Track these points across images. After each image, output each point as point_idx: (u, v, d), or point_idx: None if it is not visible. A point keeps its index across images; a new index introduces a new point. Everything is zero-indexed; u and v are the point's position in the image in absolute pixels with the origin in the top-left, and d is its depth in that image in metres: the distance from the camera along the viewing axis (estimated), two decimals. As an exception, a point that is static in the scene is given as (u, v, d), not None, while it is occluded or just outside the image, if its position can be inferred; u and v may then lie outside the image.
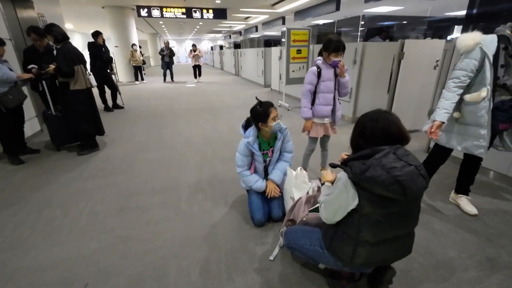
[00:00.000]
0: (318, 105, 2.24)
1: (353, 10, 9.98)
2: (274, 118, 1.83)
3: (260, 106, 1.85)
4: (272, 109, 1.83)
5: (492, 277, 1.47)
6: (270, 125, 1.83)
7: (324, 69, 2.16)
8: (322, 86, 2.19)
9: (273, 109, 1.84)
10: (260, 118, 1.84)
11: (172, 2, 9.49)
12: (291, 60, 5.35)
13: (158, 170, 2.84)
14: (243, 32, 20.80)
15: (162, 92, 8.11)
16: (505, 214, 2.01)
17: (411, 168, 1.00)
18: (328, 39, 2.09)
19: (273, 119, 1.83)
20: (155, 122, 4.74)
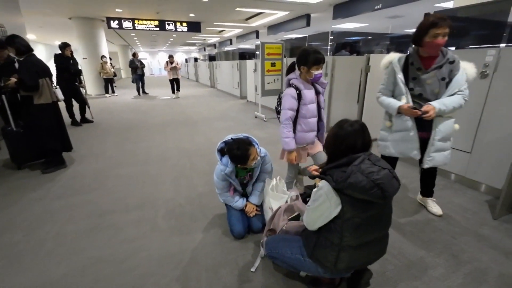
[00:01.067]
0: (300, 132, 1.93)
1: (322, 25, 10.56)
2: (254, 158, 1.74)
3: (237, 148, 1.70)
4: (251, 150, 1.71)
5: (458, 272, 1.58)
6: (249, 165, 1.76)
7: (304, 89, 1.83)
8: (303, 111, 1.85)
9: (252, 148, 1.72)
10: (239, 161, 1.75)
11: (144, 14, 9.40)
12: (266, 72, 5.50)
13: (132, 186, 2.73)
14: (217, 45, 21.03)
15: (135, 105, 7.88)
16: (465, 213, 2.19)
17: (386, 171, 1.08)
18: (304, 50, 1.79)
19: (252, 160, 1.73)
20: (128, 136, 4.57)
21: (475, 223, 2.05)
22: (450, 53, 1.72)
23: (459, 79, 1.68)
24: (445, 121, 1.79)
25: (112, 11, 8.71)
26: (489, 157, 2.42)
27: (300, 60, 1.81)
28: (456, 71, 1.69)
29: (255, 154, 1.75)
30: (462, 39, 3.70)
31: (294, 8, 8.22)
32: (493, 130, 2.37)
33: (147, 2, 7.59)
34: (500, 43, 3.07)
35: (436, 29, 1.61)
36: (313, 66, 1.77)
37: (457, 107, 1.71)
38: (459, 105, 1.71)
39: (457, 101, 1.70)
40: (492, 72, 2.31)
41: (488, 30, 3.39)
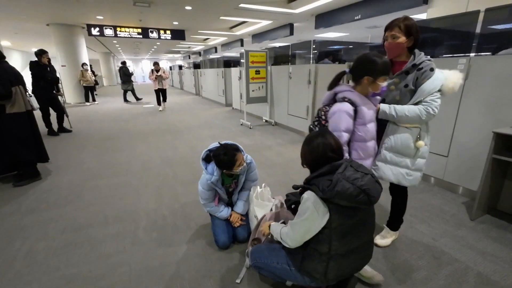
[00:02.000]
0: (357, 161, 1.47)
1: (305, 35, 10.84)
2: (240, 164, 1.73)
3: (225, 154, 1.68)
4: (237, 155, 1.70)
5: (439, 274, 1.61)
6: (235, 171, 1.74)
7: (363, 105, 1.45)
8: (361, 132, 1.48)
9: (239, 154, 1.71)
10: (225, 166, 1.72)
11: (127, 21, 9.28)
12: (251, 80, 5.53)
13: (112, 198, 2.62)
14: (202, 53, 21.04)
15: (116, 114, 7.66)
16: (444, 215, 2.26)
17: (369, 177, 1.10)
18: (368, 57, 1.43)
19: (238, 166, 1.72)
20: (108, 145, 4.42)
21: (453, 225, 2.11)
22: (424, 59, 1.50)
23: (424, 88, 1.45)
24: (399, 131, 1.57)
25: (93, 18, 8.54)
26: (464, 160, 2.53)
27: (364, 68, 1.43)
28: (425, 79, 1.46)
29: (241, 160, 1.74)
30: (436, 49, 3.89)
31: (277, 17, 8.39)
32: (467, 134, 2.48)
33: (129, 10, 7.50)
34: (470, 52, 3.26)
35: (387, 32, 1.54)
36: (381, 77, 1.41)
37: (410, 117, 1.48)
38: (415, 114, 1.47)
39: (412, 110, 1.47)
40: (464, 80, 2.43)
41: (459, 40, 3.59)
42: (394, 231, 1.90)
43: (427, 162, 2.80)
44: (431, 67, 1.46)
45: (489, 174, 2.03)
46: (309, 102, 4.63)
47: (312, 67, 4.48)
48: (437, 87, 1.44)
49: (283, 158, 3.73)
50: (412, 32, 1.48)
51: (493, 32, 3.19)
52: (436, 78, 1.45)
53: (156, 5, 7.07)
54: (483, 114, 2.34)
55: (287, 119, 5.40)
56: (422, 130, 1.56)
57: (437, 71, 1.47)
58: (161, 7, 7.32)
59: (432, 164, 2.80)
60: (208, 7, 7.34)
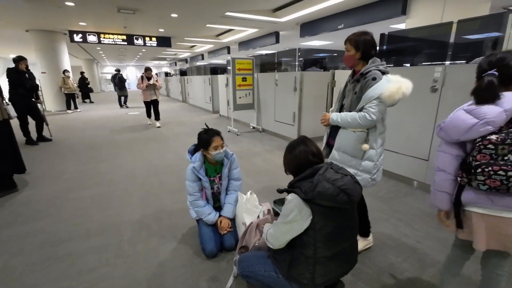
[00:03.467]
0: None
1: (291, 43, 11.07)
2: (215, 147, 1.83)
3: (205, 133, 1.87)
4: (215, 138, 1.83)
5: (423, 276, 1.65)
6: (210, 153, 1.84)
7: None
8: None
9: (218, 138, 1.84)
10: (203, 144, 1.86)
11: (111, 28, 9.14)
12: (237, 87, 5.56)
13: (94, 210, 2.53)
14: (189, 60, 20.98)
15: (100, 121, 7.46)
16: (427, 217, 2.33)
17: (349, 177, 1.15)
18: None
19: (214, 148, 1.83)
20: (91, 155, 4.28)
21: (436, 227, 2.18)
22: (371, 69, 1.57)
23: (365, 95, 1.55)
24: (345, 133, 1.68)
25: (75, 24, 8.36)
26: (443, 163, 2.62)
27: None
28: (367, 87, 1.55)
29: (218, 144, 1.84)
30: (415, 57, 4.07)
31: (263, 26, 8.53)
32: (445, 139, 2.59)
33: (113, 16, 7.41)
34: (445, 61, 3.43)
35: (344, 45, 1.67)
36: None
37: (352, 123, 1.60)
38: (354, 120, 1.58)
39: (351, 116, 1.60)
40: (440, 87, 2.55)
41: (435, 49, 3.77)
42: (365, 237, 1.89)
43: (410, 166, 2.88)
44: (374, 76, 1.54)
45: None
46: (295, 108, 4.70)
47: (297, 74, 4.56)
48: (375, 96, 1.51)
49: (271, 165, 3.75)
50: (359, 46, 1.59)
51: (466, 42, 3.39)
52: (376, 87, 1.52)
53: (141, 12, 7.02)
54: (459, 119, 2.45)
55: (274, 126, 5.44)
56: (370, 135, 1.62)
57: (384, 80, 1.52)
58: (147, 14, 7.28)
59: (414, 168, 2.89)
60: (195, 15, 7.36)
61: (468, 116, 1.07)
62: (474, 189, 1.07)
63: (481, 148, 1.03)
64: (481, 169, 1.01)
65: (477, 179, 1.03)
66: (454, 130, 1.12)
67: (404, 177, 3.03)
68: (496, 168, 0.98)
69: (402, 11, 5.36)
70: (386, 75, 1.56)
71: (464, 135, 1.08)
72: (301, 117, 4.76)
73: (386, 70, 1.59)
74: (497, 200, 1.03)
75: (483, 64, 1.13)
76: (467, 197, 1.10)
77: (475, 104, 1.08)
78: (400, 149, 3.00)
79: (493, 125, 1.01)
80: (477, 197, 1.07)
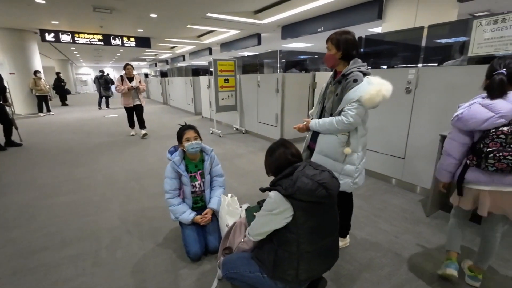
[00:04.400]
0: None
1: (273, 44, 11.18)
2: (187, 139, 1.89)
3: (182, 127, 1.96)
4: (187, 131, 1.91)
5: (401, 269, 1.72)
6: (184, 145, 1.89)
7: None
8: None
9: (190, 131, 1.92)
10: (178, 139, 1.94)
11: (86, 27, 8.77)
12: (220, 88, 5.53)
13: (70, 217, 2.41)
14: (170, 61, 20.58)
15: (76, 125, 7.13)
16: (404, 213, 2.43)
17: (326, 173, 1.21)
18: None
19: (186, 140, 1.89)
20: (66, 160, 4.08)
21: (412, 222, 2.28)
22: (353, 70, 1.57)
23: (345, 98, 1.55)
24: (326, 137, 1.67)
25: (47, 23, 7.95)
26: (419, 161, 2.76)
27: None
28: (348, 89, 1.55)
29: (190, 136, 1.89)
30: (391, 60, 4.25)
31: (245, 27, 8.55)
32: (419, 137, 2.72)
33: (88, 15, 7.12)
34: (418, 64, 3.61)
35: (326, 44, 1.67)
36: None
37: (329, 128, 1.60)
38: (331, 125, 1.58)
39: (329, 122, 1.60)
40: (414, 88, 2.68)
41: (409, 52, 3.96)
42: (343, 237, 1.92)
43: (388, 164, 2.99)
44: (355, 78, 1.53)
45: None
46: (278, 110, 4.74)
47: (279, 76, 4.61)
48: (355, 98, 1.50)
49: (254, 166, 3.75)
50: (340, 45, 1.59)
51: (437, 46, 3.58)
52: (356, 89, 1.51)
53: (118, 12, 6.81)
54: (431, 118, 2.59)
55: (258, 127, 5.46)
56: (352, 138, 1.62)
57: (364, 82, 1.52)
58: (124, 14, 7.06)
59: (392, 166, 3.01)
60: (175, 15, 7.25)
61: (485, 110, 1.30)
62: (479, 169, 1.35)
63: (494, 137, 1.28)
64: (493, 154, 1.26)
65: (488, 162, 1.28)
66: (472, 121, 1.33)
67: (383, 175, 3.14)
68: (506, 154, 1.24)
69: (378, 15, 5.58)
70: (367, 77, 1.57)
71: (481, 125, 1.30)
72: (283, 118, 4.81)
73: (368, 72, 1.59)
74: (497, 179, 1.31)
75: (495, 65, 1.35)
76: (471, 175, 1.39)
77: (489, 99, 1.32)
78: (378, 148, 3.12)
79: (506, 118, 1.25)
80: (480, 177, 1.35)
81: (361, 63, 1.62)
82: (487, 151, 1.29)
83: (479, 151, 1.33)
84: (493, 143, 1.29)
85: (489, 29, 2.18)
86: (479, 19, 2.22)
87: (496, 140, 1.28)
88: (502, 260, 1.80)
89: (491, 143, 1.29)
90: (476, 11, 5.84)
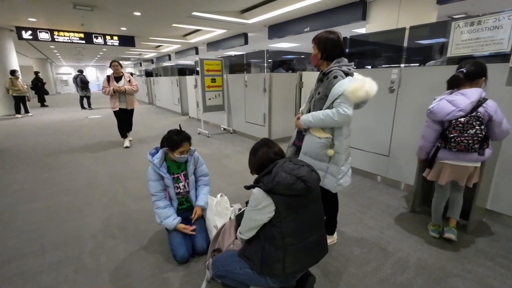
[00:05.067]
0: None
1: (260, 44, 11.19)
2: (181, 152, 1.83)
3: (177, 134, 1.84)
4: (184, 144, 1.83)
5: (386, 264, 1.76)
6: (175, 155, 1.84)
7: None
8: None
9: (187, 144, 1.84)
10: (171, 145, 1.84)
11: (66, 25, 8.46)
12: (207, 88, 5.48)
13: (50, 222, 2.31)
14: (155, 60, 20.19)
15: (56, 126, 6.86)
16: (388, 209, 2.49)
17: (305, 167, 1.26)
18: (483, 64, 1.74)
19: (180, 152, 1.83)
20: (45, 163, 3.92)
21: (396, 217, 2.34)
22: (332, 68, 1.61)
23: (331, 94, 1.57)
24: (311, 139, 1.69)
25: (24, 20, 7.61)
26: (403, 159, 2.84)
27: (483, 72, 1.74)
28: (330, 86, 1.57)
29: (185, 149, 1.84)
30: (375, 60, 4.36)
31: (231, 27, 8.52)
32: (403, 135, 2.80)
33: (68, 13, 6.86)
34: (401, 64, 3.71)
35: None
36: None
37: (325, 119, 1.58)
38: (327, 116, 1.57)
39: (325, 113, 1.58)
40: (397, 88, 2.75)
41: (392, 52, 4.08)
42: (330, 235, 1.95)
43: (373, 162, 3.06)
44: (335, 75, 1.57)
45: (421, 170, 2.31)
46: (266, 109, 4.75)
47: (267, 75, 4.62)
48: (339, 93, 1.53)
49: (242, 166, 3.74)
50: (321, 46, 1.65)
51: (418, 47, 3.70)
52: (340, 84, 1.54)
53: (100, 9, 6.61)
54: (414, 117, 2.67)
55: (245, 127, 5.45)
56: (336, 140, 1.63)
57: (347, 79, 1.56)
58: (106, 12, 6.87)
59: (377, 164, 3.08)
60: (159, 13, 7.11)
61: (449, 105, 1.70)
62: (447, 150, 1.78)
63: (455, 126, 1.69)
64: (454, 139, 1.70)
65: (451, 145, 1.72)
66: (440, 113, 1.73)
67: (368, 172, 3.21)
68: (463, 138, 1.68)
69: (362, 16, 5.70)
70: (349, 76, 1.59)
71: (446, 117, 1.71)
72: (271, 118, 4.83)
73: (350, 72, 1.60)
74: (462, 157, 1.75)
75: (461, 65, 1.76)
76: (442, 154, 1.82)
77: (447, 90, 1.81)
78: (364, 146, 3.18)
79: (464, 111, 1.66)
80: (448, 155, 1.79)
81: (345, 63, 1.64)
82: (450, 136, 1.71)
83: (446, 137, 1.75)
84: (454, 131, 1.70)
85: (466, 31, 2.27)
86: (457, 21, 2.30)
87: (456, 128, 1.69)
88: (480, 251, 1.88)
89: (453, 131, 1.70)
90: (454, 13, 6.08)
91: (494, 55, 2.22)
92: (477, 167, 1.79)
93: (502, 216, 2.22)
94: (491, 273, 1.67)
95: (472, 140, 1.65)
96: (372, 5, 5.54)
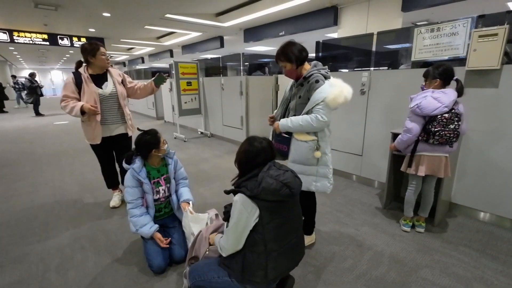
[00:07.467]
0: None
1: (236, 47, 11.19)
2: (164, 142, 1.87)
3: (147, 134, 1.82)
4: (160, 135, 1.86)
5: (362, 260, 1.82)
6: (163, 149, 1.84)
7: None
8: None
9: (159, 134, 1.88)
10: (151, 145, 1.80)
11: (27, 25, 7.88)
12: (182, 92, 5.37)
13: (8, 239, 2.11)
14: (127, 63, 19.45)
15: (16, 134, 6.34)
16: (363, 206, 2.58)
17: (289, 173, 1.25)
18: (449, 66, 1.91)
19: (163, 143, 1.85)
20: (5, 173, 3.60)
21: (371, 214, 2.43)
22: (313, 72, 1.64)
23: (312, 98, 1.60)
24: (298, 145, 1.70)
25: (-23, 18, 6.98)
26: (375, 157, 2.96)
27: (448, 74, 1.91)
28: (312, 90, 1.60)
29: (163, 139, 1.87)
30: (347, 63, 4.53)
31: (207, 29, 8.44)
32: (374, 135, 2.92)
33: (29, 12, 6.40)
34: (370, 67, 3.89)
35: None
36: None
37: (304, 125, 1.61)
38: (306, 122, 1.60)
39: (304, 119, 1.61)
40: (367, 90, 2.87)
41: (362, 56, 4.27)
42: (308, 235, 1.97)
43: (347, 162, 3.15)
44: (316, 79, 1.60)
45: (391, 168, 2.43)
46: (243, 112, 4.75)
47: (243, 78, 4.62)
48: (320, 99, 1.56)
49: (220, 170, 3.69)
50: (291, 57, 1.62)
51: (386, 51, 3.91)
52: (321, 90, 1.57)
53: (64, 9, 6.23)
54: (383, 117, 2.80)
55: (223, 130, 5.40)
56: (321, 141, 1.67)
57: (326, 84, 1.59)
58: (72, 12, 6.49)
59: (352, 163, 3.19)
60: (130, 15, 6.86)
61: (435, 101, 1.83)
62: (427, 143, 1.93)
63: (439, 121, 1.83)
64: (438, 133, 1.84)
65: (434, 138, 1.86)
66: (427, 108, 1.84)
67: (344, 172, 3.32)
68: (446, 132, 1.83)
69: (334, 21, 5.91)
70: (328, 80, 1.63)
71: (433, 112, 1.83)
72: (248, 121, 4.83)
73: (328, 75, 1.66)
74: (437, 149, 1.93)
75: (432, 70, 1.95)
76: (421, 147, 1.96)
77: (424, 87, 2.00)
78: (339, 147, 3.28)
79: (448, 108, 1.82)
80: (427, 147, 1.94)
81: (322, 66, 1.70)
82: (434, 130, 1.85)
83: (428, 131, 1.88)
84: (438, 125, 1.83)
85: (427, 37, 2.43)
86: (419, 27, 2.46)
87: (440, 123, 1.83)
88: (446, 242, 2.01)
89: (437, 125, 1.84)
90: (417, 20, 6.51)
91: (452, 59, 2.40)
92: (447, 157, 1.97)
93: (464, 208, 2.39)
94: (456, 262, 1.79)
95: (453, 134, 1.83)
96: (343, 10, 5.77)
